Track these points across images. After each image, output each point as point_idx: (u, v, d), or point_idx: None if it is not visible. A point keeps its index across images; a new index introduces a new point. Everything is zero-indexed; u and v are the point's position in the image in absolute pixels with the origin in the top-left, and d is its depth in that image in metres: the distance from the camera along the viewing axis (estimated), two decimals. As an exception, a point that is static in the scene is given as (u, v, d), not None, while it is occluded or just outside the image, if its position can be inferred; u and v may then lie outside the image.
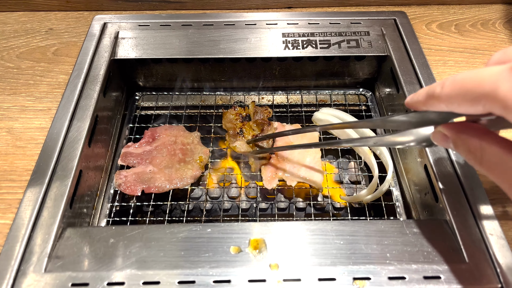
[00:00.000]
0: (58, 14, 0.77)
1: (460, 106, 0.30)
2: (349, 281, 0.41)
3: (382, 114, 0.70)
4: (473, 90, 0.28)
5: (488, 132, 0.33)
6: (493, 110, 0.28)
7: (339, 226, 0.46)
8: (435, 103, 0.33)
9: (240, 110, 0.66)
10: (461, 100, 0.30)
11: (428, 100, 0.34)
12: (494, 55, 0.32)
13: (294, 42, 0.67)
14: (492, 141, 0.32)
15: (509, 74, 0.26)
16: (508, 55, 0.31)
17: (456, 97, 0.30)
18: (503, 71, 0.27)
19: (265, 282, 0.41)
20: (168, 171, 0.60)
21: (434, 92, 0.32)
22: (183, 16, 0.72)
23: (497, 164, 0.31)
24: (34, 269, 0.42)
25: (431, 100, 0.33)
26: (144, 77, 0.73)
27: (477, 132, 0.33)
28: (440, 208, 0.49)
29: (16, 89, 0.62)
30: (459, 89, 0.30)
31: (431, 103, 0.34)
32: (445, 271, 0.42)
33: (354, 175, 0.70)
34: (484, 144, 0.32)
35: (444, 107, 0.32)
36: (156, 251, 0.43)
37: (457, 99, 0.30)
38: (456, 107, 0.31)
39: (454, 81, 0.30)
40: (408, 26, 0.70)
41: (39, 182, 0.49)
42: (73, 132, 0.54)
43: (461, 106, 0.30)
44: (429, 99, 0.34)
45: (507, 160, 0.30)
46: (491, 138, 0.32)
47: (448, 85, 0.31)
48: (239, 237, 0.45)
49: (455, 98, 0.30)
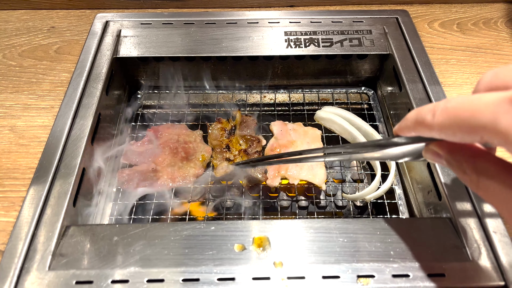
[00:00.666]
0: (60, 13, 0.77)
1: (455, 136, 0.28)
2: (353, 278, 0.41)
3: (384, 113, 0.70)
4: (469, 120, 0.26)
5: (484, 152, 0.31)
6: (492, 141, 0.25)
7: (342, 224, 0.46)
8: (426, 131, 0.31)
9: (225, 123, 0.66)
10: (455, 129, 0.27)
11: (417, 127, 0.32)
12: (484, 77, 0.30)
13: (296, 40, 0.67)
14: (489, 164, 0.30)
15: (509, 105, 0.24)
16: (500, 79, 0.28)
17: (449, 127, 0.28)
18: (502, 102, 0.24)
19: (269, 280, 0.41)
20: (170, 170, 0.60)
21: (424, 120, 0.30)
22: (185, 15, 0.72)
23: (495, 191, 0.29)
24: (38, 267, 0.42)
25: (421, 128, 0.31)
26: (146, 76, 0.73)
27: (472, 152, 0.31)
28: (444, 206, 0.49)
29: (18, 87, 0.62)
30: (453, 119, 0.27)
31: (421, 131, 0.31)
32: (449, 269, 0.42)
33: (357, 173, 0.70)
34: (480, 167, 0.30)
35: (436, 135, 0.30)
36: (160, 249, 0.43)
37: (451, 129, 0.28)
38: (449, 136, 0.29)
39: (446, 109, 0.28)
40: (410, 25, 0.70)
41: (42, 180, 0.49)
42: (76, 130, 0.54)
43: (455, 136, 0.28)
44: (419, 126, 0.31)
45: (507, 187, 0.28)
46: (487, 160, 0.30)
47: (440, 114, 0.28)
48: (243, 235, 0.45)
49: (448, 127, 0.28)
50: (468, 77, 0.65)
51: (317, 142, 0.64)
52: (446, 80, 0.64)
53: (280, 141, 0.64)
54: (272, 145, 0.64)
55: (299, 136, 0.65)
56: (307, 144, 0.64)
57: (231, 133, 0.64)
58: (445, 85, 0.62)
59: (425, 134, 0.31)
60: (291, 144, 0.63)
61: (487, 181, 0.29)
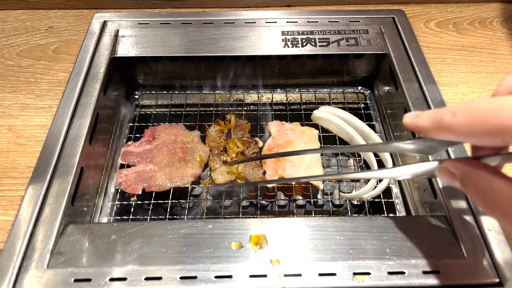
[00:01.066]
0: (58, 12, 0.77)
1: (475, 138, 0.28)
2: (349, 276, 0.42)
3: (381, 112, 0.70)
4: (492, 122, 0.26)
5: (498, 173, 0.31)
6: None
7: (339, 222, 0.46)
8: (443, 132, 0.30)
9: (223, 126, 0.66)
10: (476, 132, 0.27)
11: (434, 128, 0.31)
12: (505, 80, 0.30)
13: (294, 40, 0.67)
14: (504, 183, 0.29)
15: None
16: None
17: (470, 129, 0.27)
18: None
19: (266, 277, 0.42)
20: (168, 170, 0.60)
21: (442, 121, 0.29)
22: (182, 14, 0.72)
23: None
24: (37, 265, 0.42)
25: (439, 129, 0.30)
26: (144, 76, 0.73)
27: (487, 172, 0.31)
28: (439, 204, 0.49)
29: (16, 87, 0.62)
30: (474, 120, 0.27)
31: (438, 132, 0.31)
32: (444, 266, 0.42)
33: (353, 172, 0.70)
34: (496, 186, 0.29)
35: (453, 137, 0.29)
36: (158, 247, 0.44)
37: (472, 131, 0.27)
38: (468, 139, 0.28)
39: (468, 111, 0.27)
40: (407, 24, 0.70)
41: (40, 179, 0.49)
42: (74, 129, 0.55)
43: (475, 138, 0.28)
44: (436, 127, 0.30)
45: None
46: (502, 179, 0.30)
47: (461, 115, 0.28)
48: (240, 233, 0.45)
49: (468, 129, 0.27)
50: (463, 76, 0.65)
51: (314, 142, 0.65)
52: (442, 79, 0.64)
53: (278, 141, 0.64)
54: (270, 145, 0.64)
55: (296, 136, 0.65)
56: (304, 144, 0.64)
57: (229, 135, 0.65)
58: (441, 84, 0.63)
59: (441, 136, 0.31)
60: (289, 144, 0.64)
61: (505, 200, 0.29)
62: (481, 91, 0.63)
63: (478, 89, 0.63)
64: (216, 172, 0.60)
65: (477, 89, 0.63)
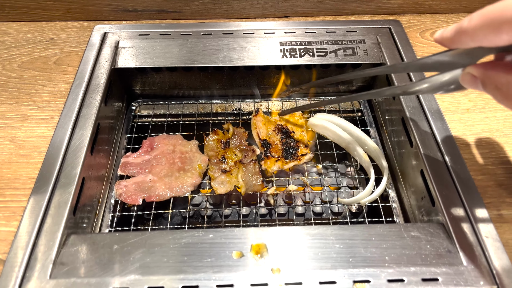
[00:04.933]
0: (58, 24, 0.78)
1: (485, 37, 0.31)
2: (349, 284, 0.42)
3: (378, 119, 0.71)
4: (497, 18, 0.30)
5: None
6: None
7: (338, 231, 0.47)
8: (462, 37, 0.34)
9: (221, 135, 0.67)
10: (485, 30, 0.31)
11: (455, 35, 0.35)
12: None
13: (292, 50, 0.68)
14: None
15: None
16: None
17: (481, 28, 0.31)
18: None
19: (267, 286, 0.42)
20: (168, 180, 0.60)
21: (461, 26, 0.33)
22: (182, 26, 0.73)
23: None
24: (39, 275, 0.42)
25: (458, 35, 0.34)
26: (142, 86, 0.74)
27: (505, 68, 0.34)
28: (437, 211, 0.50)
29: (18, 98, 0.63)
30: (484, 19, 0.31)
31: (458, 38, 0.34)
32: (443, 274, 0.43)
33: (351, 178, 0.71)
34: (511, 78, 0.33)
35: (471, 41, 0.33)
36: (160, 257, 0.44)
37: (482, 30, 0.31)
38: (481, 39, 0.32)
39: (481, 12, 0.31)
40: (403, 34, 0.72)
41: (42, 189, 0.49)
42: (75, 140, 0.55)
43: (486, 37, 0.31)
44: (457, 34, 0.34)
45: None
46: None
47: (475, 17, 0.32)
48: (241, 242, 0.46)
49: (480, 29, 0.31)
50: (459, 85, 0.66)
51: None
52: (438, 88, 0.65)
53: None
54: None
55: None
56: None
57: (227, 144, 0.65)
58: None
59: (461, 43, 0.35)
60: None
61: None
62: (477, 100, 0.64)
63: (474, 98, 0.64)
64: (216, 181, 0.60)
65: (473, 98, 0.64)
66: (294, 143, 0.65)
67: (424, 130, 0.57)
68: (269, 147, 0.64)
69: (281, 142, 0.65)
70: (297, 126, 0.68)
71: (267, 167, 0.62)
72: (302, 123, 0.69)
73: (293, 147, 0.65)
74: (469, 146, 0.57)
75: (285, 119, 0.69)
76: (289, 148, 0.65)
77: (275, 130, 0.67)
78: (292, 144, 0.65)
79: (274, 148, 0.64)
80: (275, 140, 0.66)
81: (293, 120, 0.69)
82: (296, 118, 0.69)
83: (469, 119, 0.61)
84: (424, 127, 0.57)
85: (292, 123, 0.69)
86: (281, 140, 0.66)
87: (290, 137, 0.66)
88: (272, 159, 0.62)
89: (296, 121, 0.69)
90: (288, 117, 0.69)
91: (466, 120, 0.61)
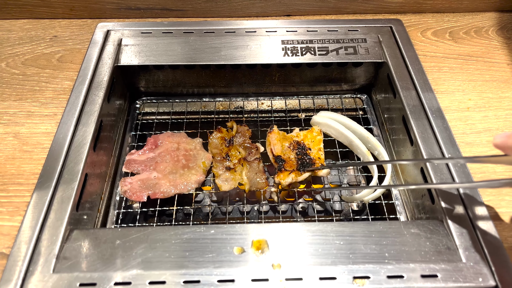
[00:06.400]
0: (62, 22, 0.79)
1: None
2: (349, 280, 0.42)
3: (379, 119, 0.71)
4: None
5: None
6: None
7: (339, 227, 0.47)
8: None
9: (224, 133, 0.67)
10: None
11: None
12: None
13: (293, 49, 0.69)
14: None
15: None
16: None
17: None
18: None
19: (268, 281, 0.42)
20: (172, 177, 0.61)
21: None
22: (184, 24, 0.74)
23: None
24: (42, 269, 0.43)
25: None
26: (146, 84, 0.75)
27: None
28: (437, 209, 0.50)
29: (22, 95, 0.64)
30: None
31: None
32: (442, 270, 0.43)
33: (354, 176, 0.71)
34: None
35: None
36: (161, 252, 0.45)
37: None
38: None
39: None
40: (404, 34, 0.72)
41: (46, 185, 0.50)
42: (78, 137, 0.56)
43: None
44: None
45: None
46: None
47: None
48: (242, 238, 0.46)
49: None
50: (460, 84, 0.66)
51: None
52: (439, 87, 0.66)
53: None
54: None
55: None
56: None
57: (231, 142, 0.66)
58: (437, 92, 0.64)
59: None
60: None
61: None
62: (477, 99, 0.64)
63: (474, 97, 0.64)
64: (220, 178, 0.61)
65: (473, 97, 0.64)
66: (310, 160, 0.62)
67: (424, 129, 0.57)
68: (283, 162, 0.61)
69: (296, 158, 0.62)
70: (314, 142, 0.64)
71: (280, 179, 0.59)
72: (320, 140, 0.65)
73: (309, 163, 0.61)
74: (470, 144, 0.58)
75: (302, 134, 0.66)
76: (304, 161, 0.61)
77: (290, 146, 0.64)
78: (308, 160, 0.61)
79: (288, 164, 0.61)
80: (290, 156, 0.62)
81: (311, 136, 0.65)
82: (314, 134, 0.65)
83: (469, 118, 0.61)
84: (424, 126, 0.57)
85: (310, 139, 0.65)
86: (296, 156, 0.62)
87: (306, 154, 0.62)
88: (286, 172, 0.59)
89: (314, 137, 0.65)
90: (306, 133, 0.66)
91: (466, 119, 0.61)
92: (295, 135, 0.66)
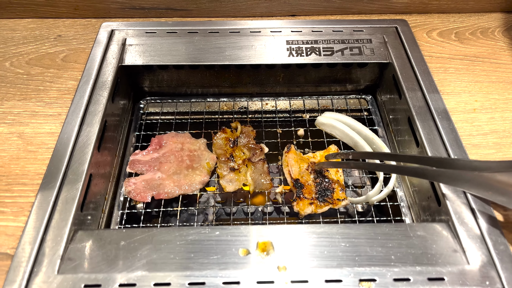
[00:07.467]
0: (66, 21, 0.79)
1: None
2: (355, 282, 0.42)
3: (384, 120, 0.71)
4: None
5: None
6: None
7: (344, 229, 0.47)
8: None
9: (229, 133, 0.67)
10: None
11: None
12: None
13: (298, 49, 0.69)
14: None
15: None
16: None
17: None
18: None
19: (273, 283, 0.42)
20: (176, 177, 0.61)
21: None
22: (189, 24, 0.73)
23: None
24: (47, 270, 0.43)
25: None
26: (150, 84, 0.74)
27: None
28: (443, 211, 0.50)
29: (26, 95, 0.63)
30: None
31: None
32: (449, 273, 0.43)
33: (359, 177, 0.71)
34: None
35: None
36: (166, 253, 0.44)
37: None
38: None
39: None
40: (410, 34, 0.72)
41: (50, 185, 0.50)
42: (83, 137, 0.55)
43: None
44: None
45: None
46: None
47: None
48: (247, 239, 0.46)
49: None
50: (466, 85, 0.66)
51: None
52: (445, 88, 0.65)
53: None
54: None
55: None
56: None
57: (235, 142, 0.66)
58: (443, 93, 0.64)
59: None
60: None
61: None
62: (483, 100, 0.64)
63: (481, 98, 0.64)
64: (224, 179, 0.61)
65: (480, 98, 0.64)
66: (329, 184, 0.60)
67: (430, 130, 0.57)
68: (302, 188, 0.59)
69: (315, 182, 0.60)
70: None
71: (299, 209, 0.57)
72: (338, 160, 0.63)
73: (328, 189, 0.59)
74: (476, 146, 0.57)
75: (319, 155, 0.64)
76: (324, 190, 0.59)
77: (307, 168, 0.62)
78: (327, 185, 0.60)
79: (307, 189, 0.59)
80: (308, 180, 0.60)
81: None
82: None
83: (476, 119, 0.61)
84: (430, 127, 0.57)
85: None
86: (314, 180, 0.60)
87: (324, 177, 0.61)
88: (305, 201, 0.57)
89: None
90: (322, 153, 0.64)
91: (473, 120, 0.61)
92: (311, 156, 0.64)
